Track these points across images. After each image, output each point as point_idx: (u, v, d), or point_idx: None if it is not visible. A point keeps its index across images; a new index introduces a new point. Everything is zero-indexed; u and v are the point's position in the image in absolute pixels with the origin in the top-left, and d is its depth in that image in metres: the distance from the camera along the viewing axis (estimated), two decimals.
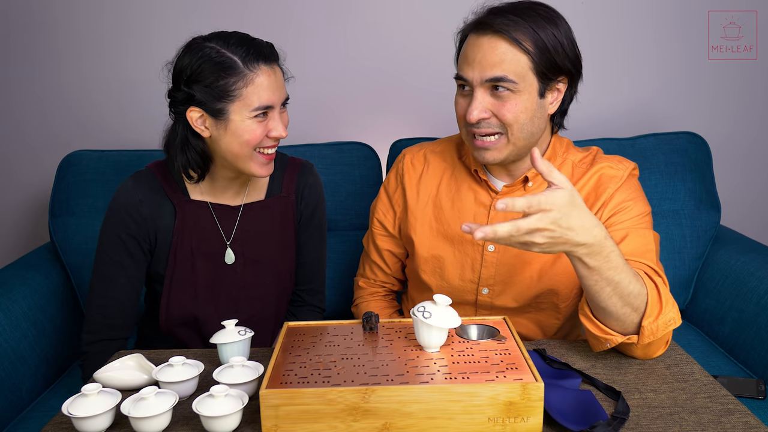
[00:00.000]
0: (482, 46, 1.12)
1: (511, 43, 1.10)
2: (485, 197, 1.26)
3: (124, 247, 1.24)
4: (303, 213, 1.38)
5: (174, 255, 1.26)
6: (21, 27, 1.99)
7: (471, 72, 1.13)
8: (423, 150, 1.36)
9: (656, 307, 1.02)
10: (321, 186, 1.42)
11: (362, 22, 2.01)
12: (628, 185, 1.20)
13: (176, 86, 1.19)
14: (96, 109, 2.05)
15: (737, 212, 2.10)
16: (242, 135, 1.16)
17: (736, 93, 2.08)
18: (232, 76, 1.14)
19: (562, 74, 1.15)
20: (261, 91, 1.15)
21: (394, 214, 1.35)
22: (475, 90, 1.13)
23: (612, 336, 1.03)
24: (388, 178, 1.39)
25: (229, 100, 1.15)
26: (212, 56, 1.15)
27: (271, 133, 1.18)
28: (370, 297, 1.42)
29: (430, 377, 0.86)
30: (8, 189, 2.12)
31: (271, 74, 1.16)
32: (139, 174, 1.29)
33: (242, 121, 1.16)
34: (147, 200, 1.25)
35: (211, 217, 1.28)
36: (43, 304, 1.55)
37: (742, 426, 0.87)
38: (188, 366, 0.96)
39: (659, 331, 1.01)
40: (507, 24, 1.10)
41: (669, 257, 1.77)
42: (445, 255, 1.27)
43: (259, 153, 1.20)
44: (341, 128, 2.06)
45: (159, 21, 1.97)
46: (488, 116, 1.13)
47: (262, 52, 1.16)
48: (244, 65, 1.14)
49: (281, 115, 1.21)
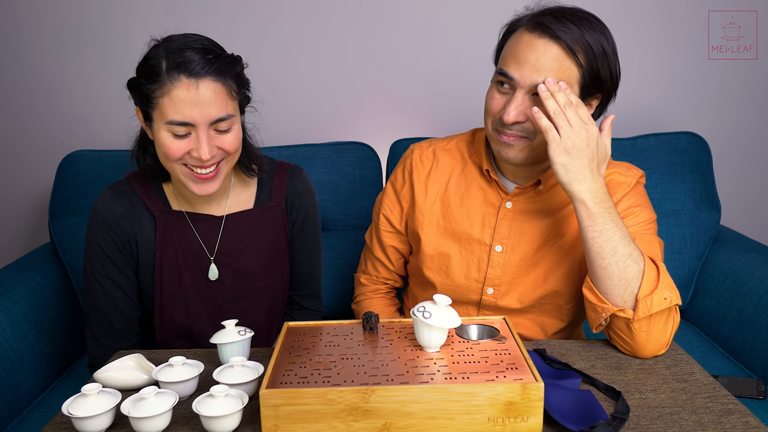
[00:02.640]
0: (537, 48, 1.09)
1: (567, 52, 1.09)
2: (495, 198, 1.25)
3: (111, 261, 1.22)
4: (295, 222, 1.34)
5: (160, 271, 1.23)
6: (21, 27, 1.99)
7: (519, 72, 1.10)
8: (432, 146, 1.34)
9: (653, 282, 1.05)
10: (311, 191, 1.36)
11: (362, 22, 2.01)
12: (635, 192, 1.21)
13: (129, 82, 1.15)
14: (96, 109, 2.04)
15: (737, 212, 2.10)
16: (160, 146, 1.12)
17: (736, 93, 2.08)
18: (153, 83, 1.08)
19: (601, 92, 1.15)
20: (177, 103, 1.07)
21: (401, 209, 1.34)
22: (517, 91, 1.11)
23: (607, 305, 1.06)
24: (395, 173, 1.37)
25: (151, 106, 1.10)
26: (149, 58, 1.10)
27: (192, 153, 1.10)
28: (372, 294, 1.42)
29: (430, 377, 0.86)
30: (8, 189, 2.12)
31: (192, 88, 1.06)
32: (117, 185, 1.25)
33: (159, 131, 1.10)
34: (126, 214, 1.22)
35: (193, 229, 1.25)
36: (43, 304, 1.55)
37: (742, 426, 0.87)
38: (188, 366, 0.96)
39: (654, 306, 1.03)
40: (565, 31, 1.08)
41: (669, 257, 1.77)
42: (451, 253, 1.27)
43: (189, 169, 1.13)
44: (341, 128, 2.06)
45: (161, 21, 1.97)
46: (524, 120, 1.12)
47: (194, 63, 1.07)
48: (166, 73, 1.07)
49: (217, 134, 1.11)
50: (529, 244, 1.23)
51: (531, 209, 1.23)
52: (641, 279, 1.04)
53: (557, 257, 1.22)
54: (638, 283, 1.04)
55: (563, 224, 1.22)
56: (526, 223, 1.23)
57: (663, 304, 1.04)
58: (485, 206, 1.25)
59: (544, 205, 1.23)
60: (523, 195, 1.23)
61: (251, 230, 1.28)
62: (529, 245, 1.23)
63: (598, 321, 1.09)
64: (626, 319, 1.05)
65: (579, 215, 1.07)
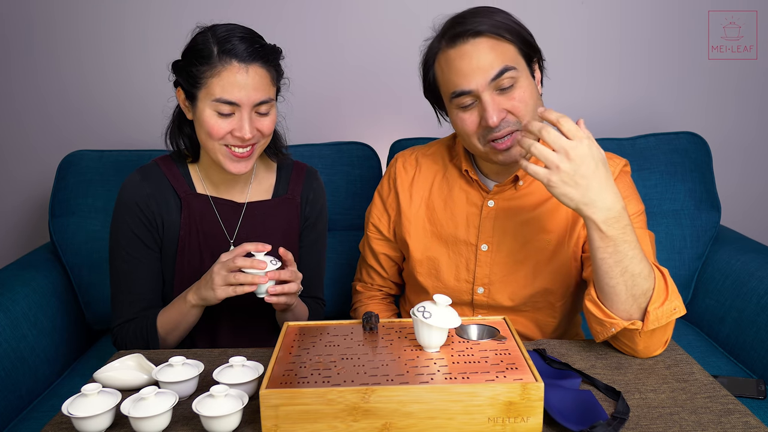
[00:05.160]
0: (470, 53, 1.11)
1: (495, 37, 1.12)
2: (477, 197, 1.26)
3: (140, 241, 1.26)
4: (308, 217, 1.38)
5: (182, 252, 1.27)
6: (21, 27, 1.99)
7: (472, 81, 1.11)
8: (414, 154, 1.36)
9: (663, 293, 1.03)
10: (324, 193, 1.43)
11: (362, 21, 2.01)
12: (620, 183, 1.19)
13: (174, 64, 1.24)
14: (96, 109, 2.05)
15: (737, 212, 2.10)
16: (204, 124, 1.19)
17: (736, 93, 2.08)
18: (204, 65, 1.16)
19: (537, 53, 1.18)
20: (226, 84, 1.15)
21: (389, 218, 1.36)
22: (482, 96, 1.11)
23: (616, 321, 1.03)
24: (382, 183, 1.39)
25: (198, 86, 1.18)
26: (198, 42, 1.19)
27: (235, 132, 1.18)
28: (368, 301, 1.42)
29: (430, 377, 0.86)
30: (8, 189, 2.12)
31: (242, 72, 1.16)
32: (144, 168, 1.30)
33: (204, 110, 1.18)
34: (154, 194, 1.27)
35: (216, 213, 1.30)
36: (43, 304, 1.55)
37: (742, 426, 0.87)
38: (188, 366, 0.96)
39: (663, 318, 1.02)
40: (478, 24, 1.11)
41: (669, 257, 1.77)
42: (439, 256, 1.28)
43: (227, 148, 1.20)
44: (341, 128, 2.06)
45: (159, 21, 1.97)
46: (505, 115, 1.13)
47: (243, 49, 1.16)
48: (217, 56, 1.16)
49: (258, 117, 1.20)
50: (514, 240, 1.23)
51: (512, 206, 1.24)
52: (651, 294, 1.02)
53: (545, 254, 1.22)
54: (647, 299, 1.02)
55: (547, 219, 1.22)
56: (509, 220, 1.23)
57: (672, 315, 1.03)
58: (468, 207, 1.26)
59: (525, 201, 1.23)
60: (503, 192, 1.24)
61: (268, 220, 1.33)
62: (514, 242, 1.23)
63: (605, 334, 1.06)
64: (632, 330, 1.03)
65: (590, 235, 1.02)
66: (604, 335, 1.07)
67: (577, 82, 2.06)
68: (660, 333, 1.05)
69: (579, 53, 2.04)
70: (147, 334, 1.22)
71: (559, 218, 1.22)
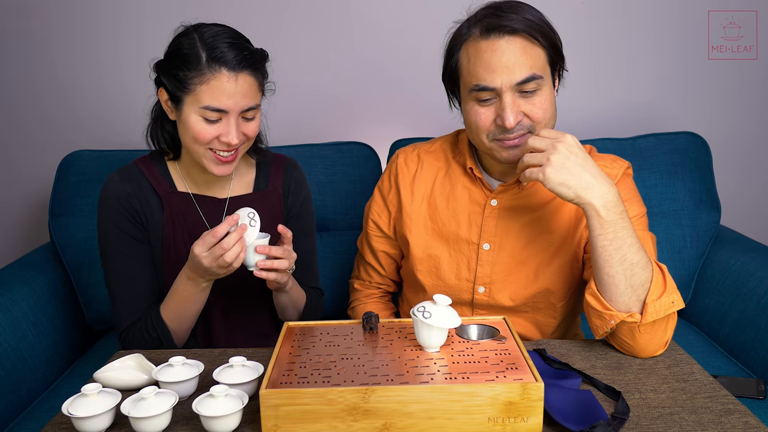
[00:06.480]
0: (501, 48, 1.10)
1: (529, 39, 1.10)
2: (480, 196, 1.26)
3: (128, 236, 1.25)
4: (291, 208, 1.38)
5: (169, 251, 1.27)
6: (21, 27, 1.99)
7: (497, 79, 1.10)
8: (416, 150, 1.35)
9: (661, 286, 1.04)
10: (306, 181, 1.43)
11: (362, 21, 2.01)
12: (623, 185, 1.20)
13: (157, 64, 1.23)
14: (96, 109, 2.05)
15: (737, 212, 2.10)
16: (190, 129, 1.18)
17: (736, 93, 2.08)
18: (191, 71, 1.15)
19: (561, 60, 1.18)
20: (215, 92, 1.15)
21: (389, 214, 1.35)
22: (503, 95, 1.10)
23: (615, 313, 1.04)
24: (382, 179, 1.38)
25: (184, 91, 1.17)
26: (184, 46, 1.17)
27: (221, 138, 1.18)
28: (366, 299, 1.42)
29: (430, 377, 0.86)
30: (8, 189, 2.12)
31: (232, 80, 1.15)
32: (123, 169, 1.30)
33: (190, 116, 1.17)
34: (135, 193, 1.26)
35: (199, 210, 1.30)
36: (43, 304, 1.55)
37: (742, 426, 0.87)
38: (188, 366, 0.96)
39: (662, 310, 1.03)
40: (516, 21, 1.09)
41: (669, 257, 1.77)
42: (440, 254, 1.27)
43: (212, 152, 1.20)
44: (341, 128, 2.06)
45: (159, 21, 1.97)
46: (521, 118, 1.12)
47: (232, 57, 1.15)
48: (206, 63, 1.15)
49: (244, 122, 1.20)
50: (517, 240, 1.23)
51: (516, 206, 1.23)
52: (649, 285, 1.04)
53: (547, 254, 1.22)
54: (645, 290, 1.03)
55: (550, 220, 1.22)
56: (512, 219, 1.23)
57: (670, 308, 1.03)
58: (471, 205, 1.26)
59: (529, 200, 1.23)
60: (507, 192, 1.23)
61: None
62: (517, 242, 1.23)
63: (604, 328, 1.07)
64: (631, 324, 1.04)
65: (590, 223, 1.05)
66: (603, 330, 1.07)
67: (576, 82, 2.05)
68: (660, 331, 1.05)
69: (578, 53, 2.04)
70: (158, 331, 1.21)
71: (563, 219, 1.22)
